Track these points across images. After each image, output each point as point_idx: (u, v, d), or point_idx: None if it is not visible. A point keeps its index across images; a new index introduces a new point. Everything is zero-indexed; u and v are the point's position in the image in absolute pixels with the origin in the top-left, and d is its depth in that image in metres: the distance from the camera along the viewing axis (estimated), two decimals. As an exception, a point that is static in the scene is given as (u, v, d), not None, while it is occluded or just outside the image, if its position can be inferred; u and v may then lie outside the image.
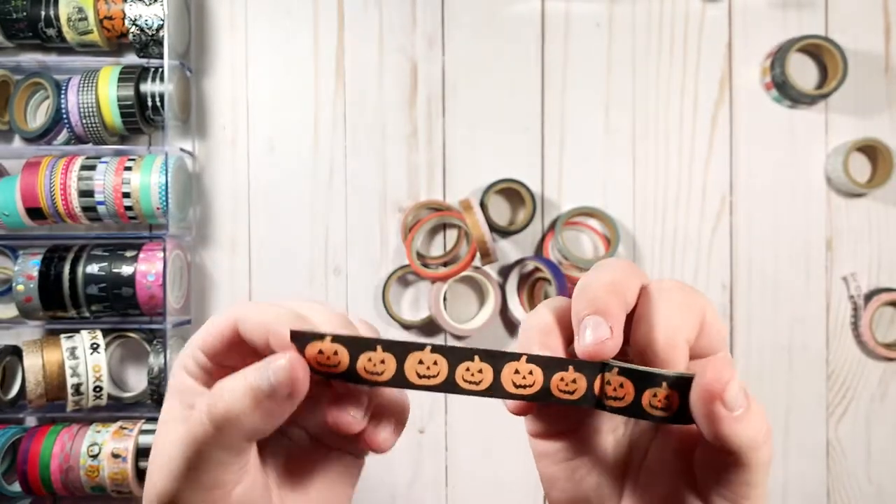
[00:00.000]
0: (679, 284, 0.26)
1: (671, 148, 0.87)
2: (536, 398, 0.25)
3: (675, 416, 0.24)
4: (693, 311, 0.25)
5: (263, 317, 0.25)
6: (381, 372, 0.24)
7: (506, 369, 0.25)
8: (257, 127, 0.87)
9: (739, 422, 0.23)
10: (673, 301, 0.25)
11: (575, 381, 0.25)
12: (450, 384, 0.25)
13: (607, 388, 0.25)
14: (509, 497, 0.87)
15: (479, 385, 0.25)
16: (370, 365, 0.24)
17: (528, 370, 0.25)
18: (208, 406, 0.24)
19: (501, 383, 0.25)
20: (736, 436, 0.23)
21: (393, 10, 0.87)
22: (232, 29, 0.87)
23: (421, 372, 0.25)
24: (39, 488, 0.77)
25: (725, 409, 0.23)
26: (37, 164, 0.78)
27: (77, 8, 0.79)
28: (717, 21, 0.87)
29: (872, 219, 0.87)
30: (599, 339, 0.24)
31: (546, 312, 0.27)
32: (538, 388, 0.25)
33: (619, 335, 0.25)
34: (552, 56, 0.88)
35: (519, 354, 0.25)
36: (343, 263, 0.87)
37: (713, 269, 0.87)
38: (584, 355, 0.25)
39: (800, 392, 0.87)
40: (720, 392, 0.23)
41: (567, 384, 0.25)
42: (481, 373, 0.25)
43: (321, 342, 0.24)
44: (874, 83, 0.87)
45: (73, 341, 0.78)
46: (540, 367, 0.25)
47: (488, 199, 0.85)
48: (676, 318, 0.25)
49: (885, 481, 0.87)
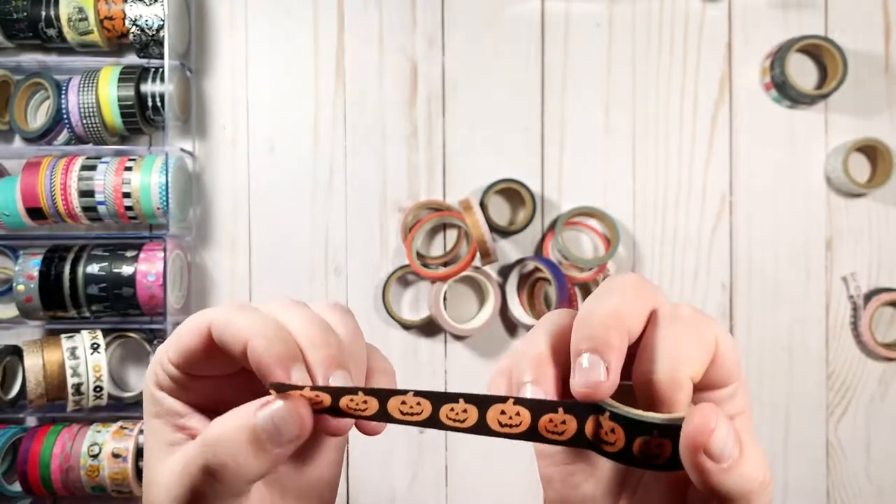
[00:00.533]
0: (691, 313, 0.25)
1: (671, 148, 0.87)
2: (524, 437, 0.24)
3: (667, 463, 0.23)
4: (702, 343, 0.24)
5: (240, 326, 0.24)
6: (363, 409, 0.24)
7: (491, 411, 0.24)
8: (257, 127, 0.87)
9: (728, 473, 0.22)
10: (681, 332, 0.24)
11: (564, 423, 0.24)
12: (434, 421, 0.24)
13: (600, 432, 0.24)
14: (509, 497, 0.87)
15: (463, 423, 0.24)
16: (352, 404, 0.24)
17: (515, 411, 0.24)
18: (204, 456, 0.23)
19: (487, 423, 0.24)
20: (724, 486, 0.22)
21: (393, 10, 0.87)
22: (232, 29, 0.87)
23: (404, 410, 0.24)
24: (40, 488, 0.77)
25: (711, 461, 0.21)
26: (37, 164, 0.79)
27: (77, 8, 0.79)
28: (717, 21, 0.87)
29: (872, 219, 0.87)
30: (594, 383, 0.23)
31: (541, 340, 0.26)
32: (525, 428, 0.24)
33: (615, 375, 0.24)
34: (552, 56, 0.88)
35: (506, 397, 0.24)
36: (343, 263, 0.87)
37: (713, 269, 0.87)
38: (577, 396, 0.24)
39: (800, 392, 0.87)
40: (704, 443, 0.21)
41: (556, 425, 0.24)
42: (465, 412, 0.24)
43: (300, 392, 0.24)
44: (874, 83, 0.87)
45: (74, 341, 0.79)
46: (527, 408, 0.24)
47: (488, 199, 0.85)
48: (681, 353, 0.24)
49: (885, 481, 0.87)
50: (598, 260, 0.85)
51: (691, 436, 0.22)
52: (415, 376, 0.87)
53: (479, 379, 0.87)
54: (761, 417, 0.87)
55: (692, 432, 0.22)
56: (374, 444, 0.86)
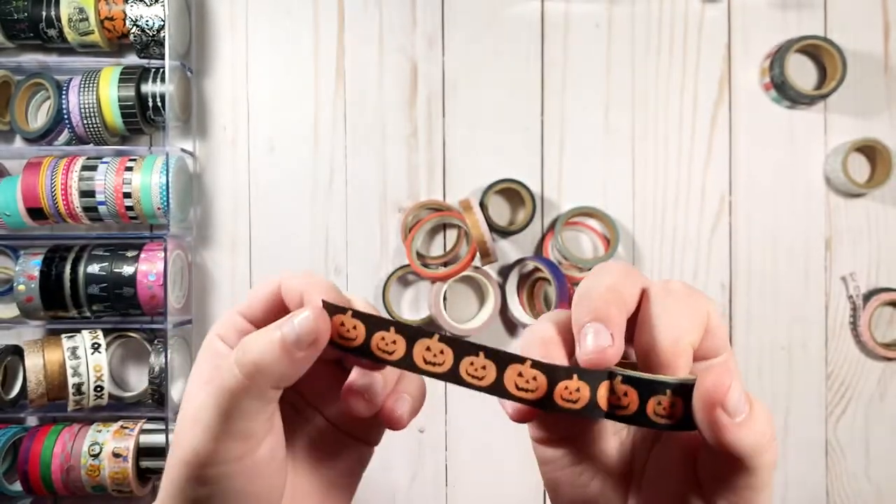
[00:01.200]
0: (682, 286, 0.26)
1: (671, 148, 0.88)
2: (539, 405, 0.25)
3: (680, 422, 0.24)
4: (697, 313, 0.25)
5: (302, 281, 0.28)
6: (391, 352, 0.26)
7: (509, 370, 0.25)
8: (257, 127, 0.87)
9: (742, 428, 0.23)
10: (676, 304, 0.25)
11: (578, 390, 0.25)
12: (453, 375, 0.25)
13: (612, 398, 0.25)
14: (509, 497, 0.87)
15: (481, 381, 0.25)
16: (382, 343, 0.26)
17: (532, 375, 0.25)
18: (237, 358, 0.26)
19: (504, 383, 0.25)
20: (739, 441, 0.23)
21: (393, 10, 0.87)
22: (232, 29, 0.87)
23: (428, 358, 0.26)
24: (40, 488, 0.77)
25: (727, 416, 0.23)
26: (38, 164, 0.79)
27: (78, 8, 0.79)
28: (717, 21, 0.88)
29: (871, 219, 0.87)
30: (601, 347, 0.24)
31: (547, 324, 0.27)
32: (541, 394, 0.25)
33: (620, 342, 0.25)
34: (552, 56, 0.88)
35: (524, 358, 0.25)
36: (343, 263, 0.87)
37: (712, 269, 0.87)
38: (586, 363, 0.25)
39: (799, 392, 0.87)
40: (721, 398, 0.23)
41: (571, 392, 0.25)
42: (485, 369, 0.25)
43: (343, 315, 0.26)
44: (873, 83, 0.87)
45: (75, 341, 0.79)
46: (544, 373, 0.25)
47: (488, 199, 0.85)
48: (680, 322, 0.25)
49: (884, 481, 0.87)
50: (598, 260, 0.85)
51: (709, 391, 0.23)
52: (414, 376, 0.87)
53: (478, 379, 0.87)
54: (761, 417, 0.87)
55: (710, 388, 0.23)
56: (374, 443, 0.86)
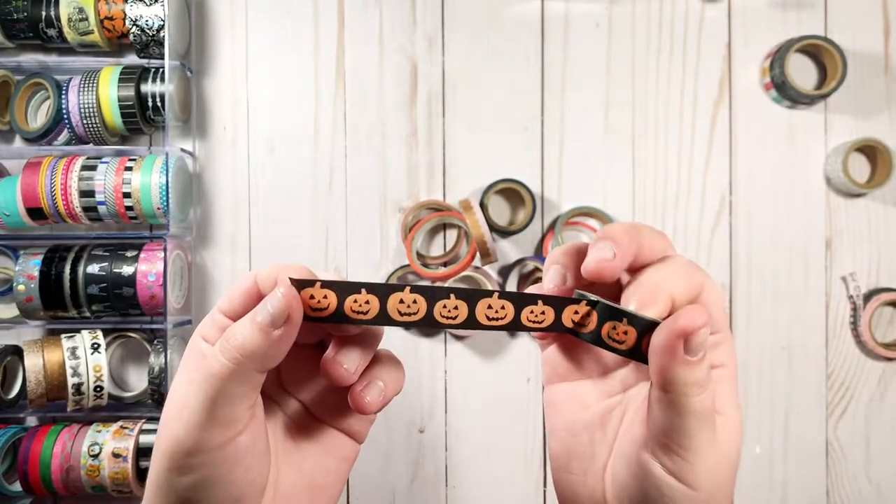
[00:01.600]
0: (685, 259, 0.28)
1: (671, 148, 0.88)
2: (508, 328, 0.27)
3: (629, 351, 0.26)
4: (688, 276, 0.27)
5: (274, 268, 0.29)
6: (366, 311, 0.27)
7: (480, 305, 0.27)
8: (258, 127, 0.87)
9: (688, 366, 0.24)
10: (673, 263, 0.27)
11: (543, 314, 0.27)
12: (429, 319, 0.27)
13: (576, 317, 0.27)
14: (509, 497, 0.87)
15: (455, 319, 0.27)
16: (356, 306, 0.27)
17: (501, 305, 0.27)
18: (220, 345, 0.27)
19: (476, 318, 0.27)
20: (677, 374, 0.24)
21: (393, 10, 0.87)
22: (232, 29, 0.87)
23: (402, 310, 0.27)
24: (40, 488, 0.77)
25: (682, 350, 0.24)
26: (37, 164, 0.79)
27: (78, 8, 0.79)
28: (717, 21, 0.88)
29: (872, 219, 0.87)
30: (602, 258, 0.26)
31: (579, 242, 0.30)
32: (509, 320, 0.27)
33: (621, 261, 0.26)
34: (552, 56, 0.88)
35: (491, 291, 0.27)
36: (343, 263, 0.87)
37: (713, 269, 0.87)
38: (587, 272, 0.27)
39: (799, 392, 0.87)
40: (689, 332, 0.24)
41: (536, 315, 0.27)
42: (457, 309, 0.27)
43: (312, 288, 0.27)
44: (873, 83, 0.87)
45: (74, 341, 0.79)
46: (511, 302, 0.27)
47: (488, 199, 0.85)
48: (668, 275, 0.27)
49: (884, 481, 0.87)
50: (598, 260, 0.85)
51: (680, 324, 0.24)
52: (415, 376, 0.87)
53: (479, 379, 0.87)
54: (761, 417, 0.87)
55: (683, 320, 0.24)
56: (374, 443, 0.86)
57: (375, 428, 0.86)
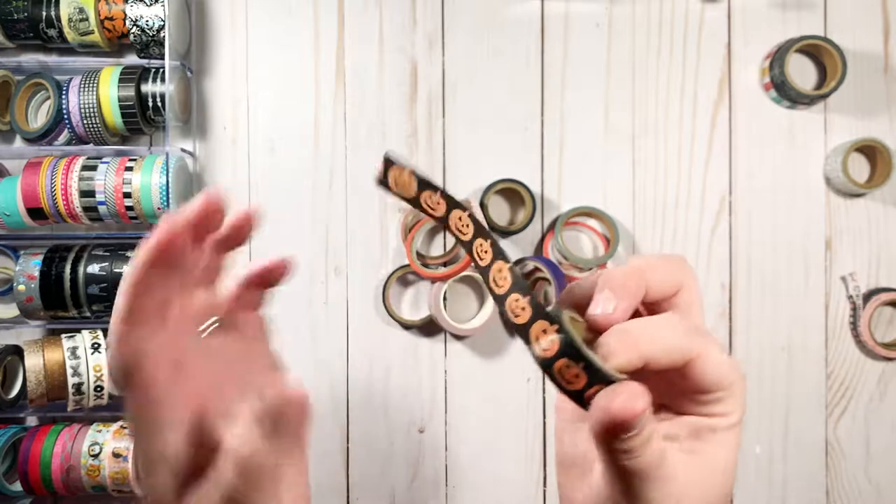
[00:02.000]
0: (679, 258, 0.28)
1: (671, 148, 0.88)
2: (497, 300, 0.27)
3: (574, 394, 0.24)
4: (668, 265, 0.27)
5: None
6: (434, 209, 0.30)
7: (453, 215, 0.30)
8: (258, 127, 0.87)
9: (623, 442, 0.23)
10: (658, 255, 0.27)
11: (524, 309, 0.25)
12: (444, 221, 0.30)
13: (541, 334, 0.25)
14: (509, 497, 0.87)
15: (464, 235, 0.29)
16: (430, 201, 0.29)
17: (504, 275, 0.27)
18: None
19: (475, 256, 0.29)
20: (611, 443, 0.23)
21: (393, 10, 0.87)
22: (232, 29, 0.87)
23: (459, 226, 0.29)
24: (40, 488, 0.77)
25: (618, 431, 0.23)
26: (38, 164, 0.79)
27: (78, 8, 0.79)
28: (717, 21, 0.88)
29: (871, 219, 0.87)
30: (605, 314, 0.25)
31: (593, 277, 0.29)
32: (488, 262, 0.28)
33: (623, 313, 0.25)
34: (552, 56, 0.88)
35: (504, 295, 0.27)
36: (343, 263, 0.87)
37: (712, 269, 0.87)
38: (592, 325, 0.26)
39: (799, 392, 0.87)
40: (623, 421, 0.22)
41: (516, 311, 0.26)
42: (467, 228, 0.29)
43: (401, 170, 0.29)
44: (873, 83, 0.87)
45: (74, 341, 0.79)
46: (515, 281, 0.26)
47: (488, 199, 0.85)
48: (649, 259, 0.27)
49: (884, 481, 0.87)
50: (598, 260, 0.85)
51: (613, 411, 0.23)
52: (415, 376, 0.87)
53: (479, 379, 0.87)
54: (760, 417, 0.87)
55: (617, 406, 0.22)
56: (374, 443, 0.86)
57: (375, 428, 0.86)
